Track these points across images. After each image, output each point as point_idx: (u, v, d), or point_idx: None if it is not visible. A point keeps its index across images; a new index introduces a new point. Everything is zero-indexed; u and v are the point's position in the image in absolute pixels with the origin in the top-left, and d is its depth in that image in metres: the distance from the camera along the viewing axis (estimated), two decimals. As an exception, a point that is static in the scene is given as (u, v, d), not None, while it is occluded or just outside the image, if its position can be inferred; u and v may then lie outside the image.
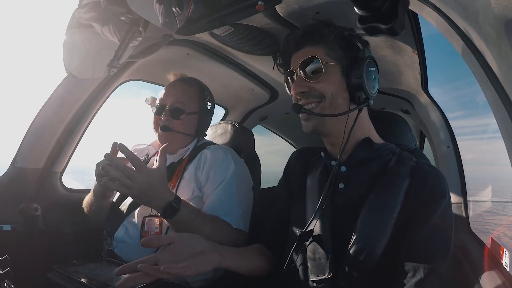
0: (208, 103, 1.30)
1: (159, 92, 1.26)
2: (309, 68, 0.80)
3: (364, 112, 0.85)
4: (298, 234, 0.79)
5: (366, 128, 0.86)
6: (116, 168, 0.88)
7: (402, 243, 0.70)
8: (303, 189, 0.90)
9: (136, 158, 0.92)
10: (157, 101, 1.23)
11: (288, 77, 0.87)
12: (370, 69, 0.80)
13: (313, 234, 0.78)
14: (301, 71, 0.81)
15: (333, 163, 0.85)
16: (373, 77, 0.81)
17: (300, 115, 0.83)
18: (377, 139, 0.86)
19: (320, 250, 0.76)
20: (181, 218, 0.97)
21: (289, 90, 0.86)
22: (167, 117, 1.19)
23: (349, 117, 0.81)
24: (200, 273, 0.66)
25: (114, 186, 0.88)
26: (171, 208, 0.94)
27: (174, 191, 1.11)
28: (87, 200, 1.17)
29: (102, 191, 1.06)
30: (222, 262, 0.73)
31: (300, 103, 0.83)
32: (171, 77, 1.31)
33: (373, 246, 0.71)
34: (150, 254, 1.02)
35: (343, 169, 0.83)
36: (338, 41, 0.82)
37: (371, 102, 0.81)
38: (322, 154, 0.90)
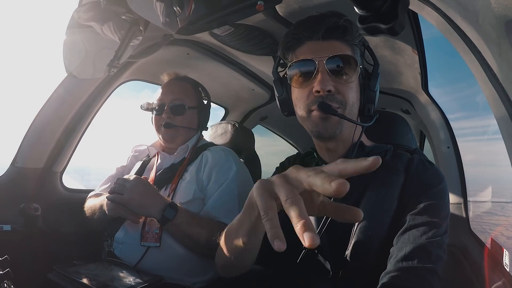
0: (204, 98, 1.33)
1: (155, 94, 1.27)
2: (337, 66, 0.73)
3: None
4: (302, 247, 0.76)
5: (357, 132, 0.84)
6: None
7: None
8: None
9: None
10: (155, 102, 1.24)
11: (300, 68, 0.76)
12: (378, 85, 0.79)
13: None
14: (328, 67, 0.73)
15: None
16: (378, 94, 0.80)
17: (315, 114, 0.75)
18: (366, 142, 0.85)
19: (319, 253, 0.76)
20: (180, 221, 1.00)
21: (291, 81, 0.78)
22: (169, 115, 1.20)
23: (357, 127, 0.79)
24: None
25: (119, 213, 1.02)
26: (168, 213, 0.98)
27: (174, 192, 1.12)
28: (90, 206, 1.18)
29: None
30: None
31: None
32: (165, 77, 1.33)
33: (371, 246, 0.71)
34: (149, 256, 1.05)
35: None
36: (361, 48, 0.80)
37: (377, 116, 0.79)
38: (315, 154, 0.88)
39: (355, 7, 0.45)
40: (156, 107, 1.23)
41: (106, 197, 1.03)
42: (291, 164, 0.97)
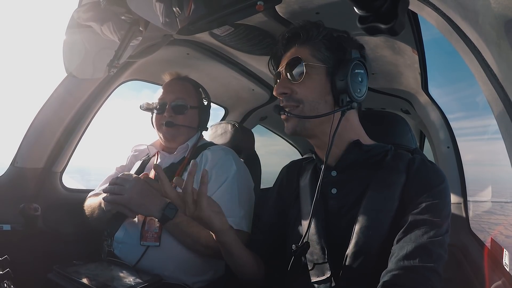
0: (205, 99, 1.33)
1: (156, 93, 1.28)
2: (293, 69, 0.80)
3: (353, 115, 0.84)
4: (294, 247, 0.77)
5: (355, 130, 0.84)
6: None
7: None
8: (297, 196, 0.90)
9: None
10: (156, 101, 1.24)
11: (277, 79, 0.86)
12: (356, 71, 0.77)
13: (309, 240, 0.77)
14: (286, 73, 0.81)
15: (322, 166, 0.85)
16: (360, 79, 0.77)
17: (282, 117, 0.83)
18: (367, 140, 0.85)
19: (318, 253, 0.76)
20: (180, 220, 1.00)
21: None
22: (170, 114, 1.21)
23: (334, 119, 0.78)
24: (213, 224, 0.77)
25: (116, 208, 1.02)
26: (168, 212, 0.99)
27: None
28: (90, 204, 1.18)
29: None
30: (228, 232, 0.80)
31: (282, 105, 0.82)
32: (166, 77, 1.33)
33: (371, 246, 0.71)
34: (148, 255, 1.05)
35: (333, 173, 0.82)
36: (326, 42, 0.81)
37: (355, 105, 0.78)
38: (313, 156, 0.89)
39: (355, 7, 0.45)
40: (158, 106, 1.23)
41: (104, 198, 1.03)
42: (286, 172, 0.99)
